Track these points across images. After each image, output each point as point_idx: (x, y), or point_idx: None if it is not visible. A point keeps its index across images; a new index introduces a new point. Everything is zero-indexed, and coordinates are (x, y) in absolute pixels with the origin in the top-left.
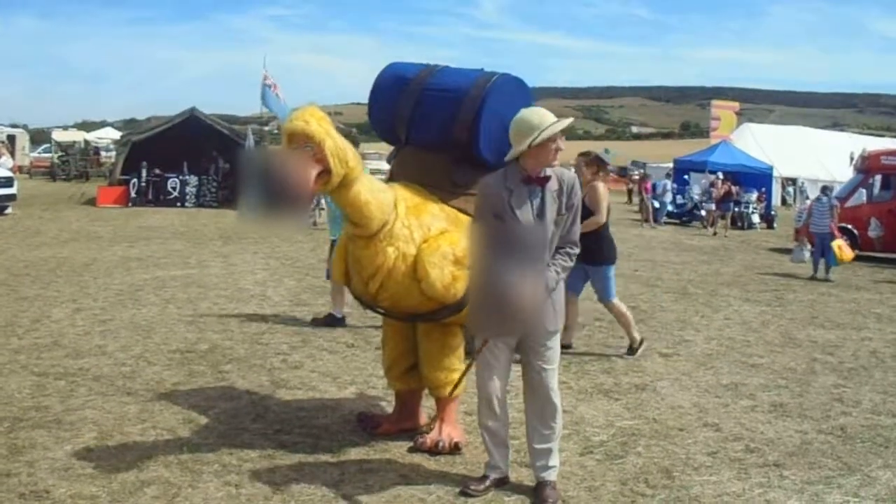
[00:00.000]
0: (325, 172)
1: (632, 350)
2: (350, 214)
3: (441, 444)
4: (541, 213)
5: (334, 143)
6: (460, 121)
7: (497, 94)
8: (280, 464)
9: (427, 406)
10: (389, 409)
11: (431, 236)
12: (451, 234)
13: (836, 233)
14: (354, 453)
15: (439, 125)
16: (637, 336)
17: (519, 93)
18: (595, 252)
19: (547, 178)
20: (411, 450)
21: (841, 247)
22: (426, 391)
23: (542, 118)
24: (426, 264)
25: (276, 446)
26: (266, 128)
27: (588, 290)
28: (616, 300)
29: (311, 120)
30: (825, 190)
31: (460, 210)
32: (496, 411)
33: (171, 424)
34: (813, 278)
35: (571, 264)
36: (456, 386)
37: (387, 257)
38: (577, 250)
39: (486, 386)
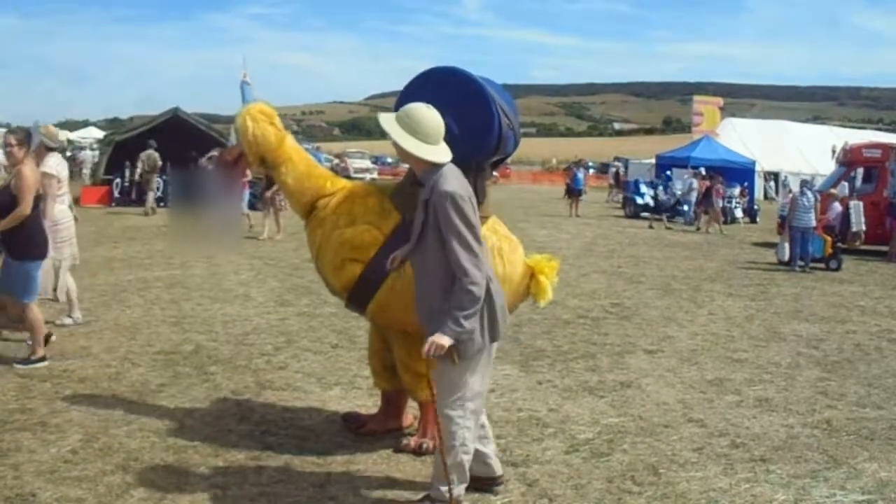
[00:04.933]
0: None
1: (28, 361)
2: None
3: (425, 445)
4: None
5: (250, 131)
6: None
7: (413, 90)
8: (266, 465)
9: (413, 406)
10: (374, 409)
11: (353, 227)
12: (372, 229)
13: (820, 229)
14: (340, 454)
15: None
16: (41, 352)
17: (451, 87)
18: (15, 244)
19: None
20: (396, 451)
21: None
22: None
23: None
24: (324, 247)
25: (262, 447)
26: None
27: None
28: (34, 305)
29: (243, 112)
30: (806, 184)
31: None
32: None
33: (156, 426)
34: (791, 270)
35: (468, 307)
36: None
37: (314, 239)
38: (466, 283)
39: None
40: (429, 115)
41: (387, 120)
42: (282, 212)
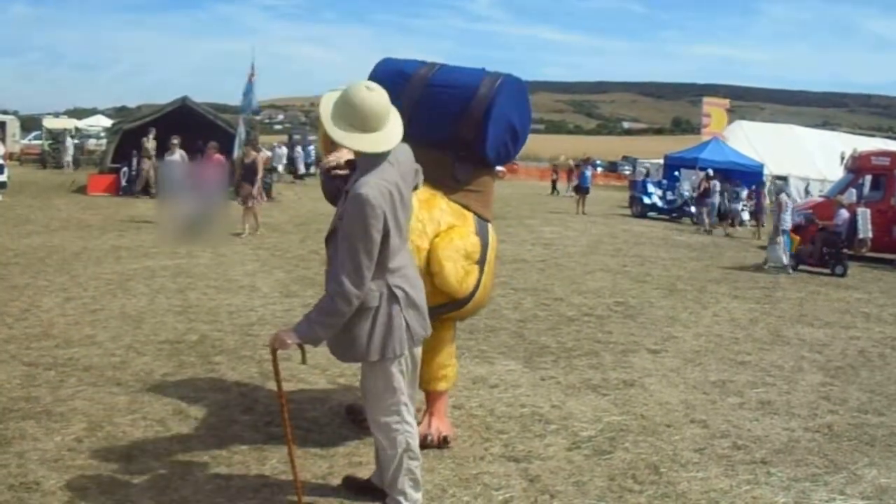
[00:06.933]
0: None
1: None
2: None
3: (430, 437)
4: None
5: None
6: (468, 118)
7: (505, 93)
8: (269, 456)
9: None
10: None
11: (443, 231)
12: (460, 228)
13: (791, 230)
14: (343, 446)
15: (445, 122)
16: None
17: (521, 93)
18: None
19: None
20: None
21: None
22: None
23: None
24: (441, 258)
25: (266, 438)
26: (257, 117)
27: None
28: None
29: None
30: (784, 189)
31: (462, 205)
32: None
33: (160, 416)
34: (796, 273)
35: (326, 317)
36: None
37: None
38: (335, 294)
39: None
40: (367, 96)
41: (327, 100)
42: (256, 207)
